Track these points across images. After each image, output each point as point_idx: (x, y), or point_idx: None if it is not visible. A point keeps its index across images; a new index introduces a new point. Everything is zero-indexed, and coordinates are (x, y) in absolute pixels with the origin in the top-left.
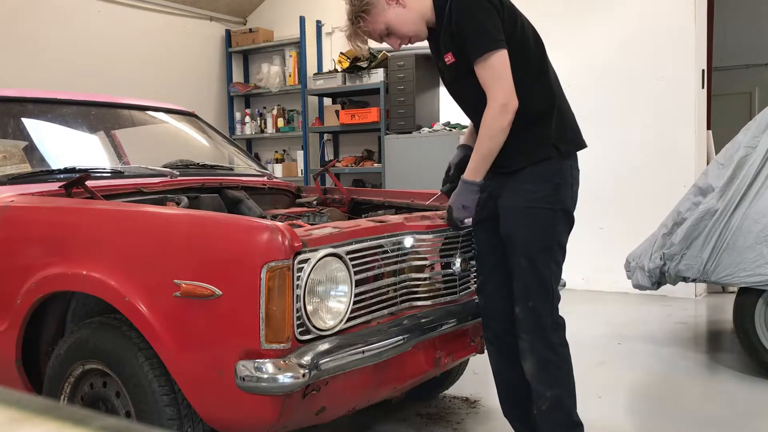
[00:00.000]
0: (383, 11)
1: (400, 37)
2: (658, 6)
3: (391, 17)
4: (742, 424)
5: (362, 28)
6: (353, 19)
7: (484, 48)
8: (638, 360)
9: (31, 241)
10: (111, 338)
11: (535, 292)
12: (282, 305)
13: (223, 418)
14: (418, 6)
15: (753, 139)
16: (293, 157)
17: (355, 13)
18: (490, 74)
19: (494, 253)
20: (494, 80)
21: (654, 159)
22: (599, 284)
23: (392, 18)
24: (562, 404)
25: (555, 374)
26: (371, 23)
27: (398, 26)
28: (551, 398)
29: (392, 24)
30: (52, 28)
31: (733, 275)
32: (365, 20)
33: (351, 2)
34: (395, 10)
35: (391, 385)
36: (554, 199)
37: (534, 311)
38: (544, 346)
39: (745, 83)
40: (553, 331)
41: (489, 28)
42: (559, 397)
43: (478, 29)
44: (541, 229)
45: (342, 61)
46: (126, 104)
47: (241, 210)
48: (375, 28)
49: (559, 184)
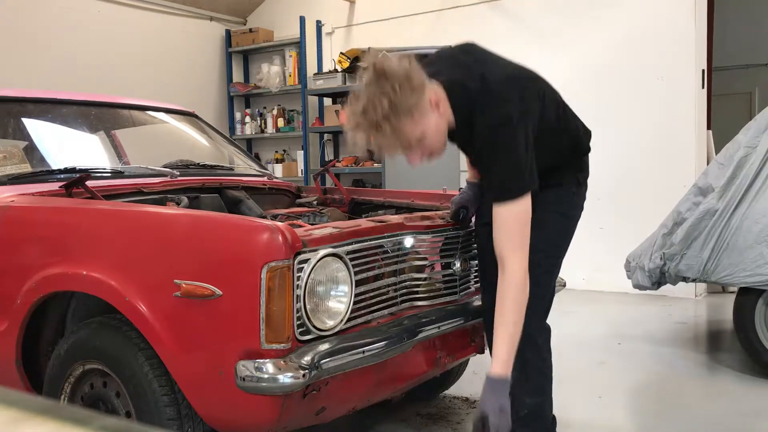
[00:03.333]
0: (426, 115)
1: (427, 150)
2: (658, 6)
3: (431, 125)
4: (742, 424)
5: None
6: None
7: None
8: (638, 360)
9: (32, 241)
10: (111, 338)
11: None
12: (282, 305)
13: (223, 418)
14: (447, 113)
15: (753, 139)
16: (293, 157)
17: (393, 109)
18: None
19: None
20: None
21: (654, 159)
22: (599, 284)
23: (432, 126)
24: (543, 413)
25: (539, 381)
26: (408, 126)
27: (433, 137)
28: (531, 405)
29: (428, 134)
30: (52, 28)
31: (733, 275)
32: (402, 122)
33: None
34: (435, 117)
35: (391, 385)
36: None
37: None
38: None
39: (745, 83)
40: (540, 335)
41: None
42: (539, 405)
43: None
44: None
45: (342, 61)
46: (126, 104)
47: (241, 210)
48: (410, 133)
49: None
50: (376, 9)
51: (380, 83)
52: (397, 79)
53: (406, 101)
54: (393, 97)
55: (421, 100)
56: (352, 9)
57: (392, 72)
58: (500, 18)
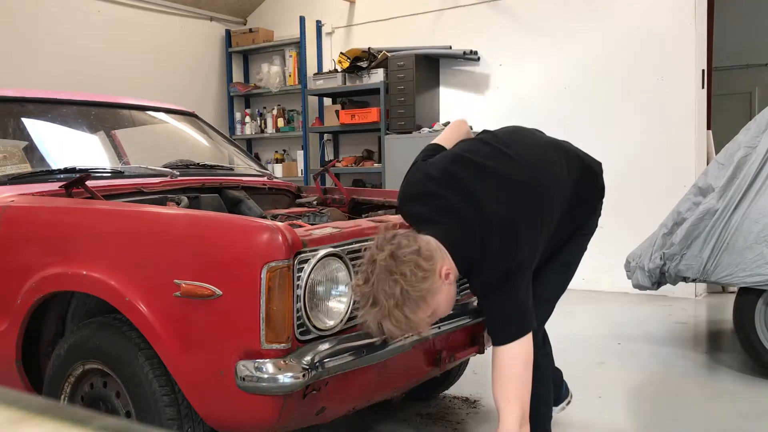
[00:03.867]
0: (438, 293)
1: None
2: (658, 6)
3: (443, 299)
4: (742, 424)
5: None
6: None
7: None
8: (638, 360)
9: (32, 241)
10: (111, 338)
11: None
12: (282, 305)
13: (223, 418)
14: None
15: (753, 139)
16: (293, 157)
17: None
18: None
19: None
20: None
21: (654, 159)
22: (599, 284)
23: (444, 299)
24: (538, 414)
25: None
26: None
27: (445, 307)
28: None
29: (441, 307)
30: (52, 28)
31: (733, 275)
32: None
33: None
34: (446, 289)
35: (391, 385)
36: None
37: None
38: None
39: (745, 83)
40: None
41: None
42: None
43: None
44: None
45: (342, 61)
46: (126, 104)
47: (241, 210)
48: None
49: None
50: (376, 9)
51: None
52: (408, 264)
53: (419, 287)
54: (405, 285)
55: (434, 281)
56: (352, 9)
57: (401, 257)
58: (500, 18)
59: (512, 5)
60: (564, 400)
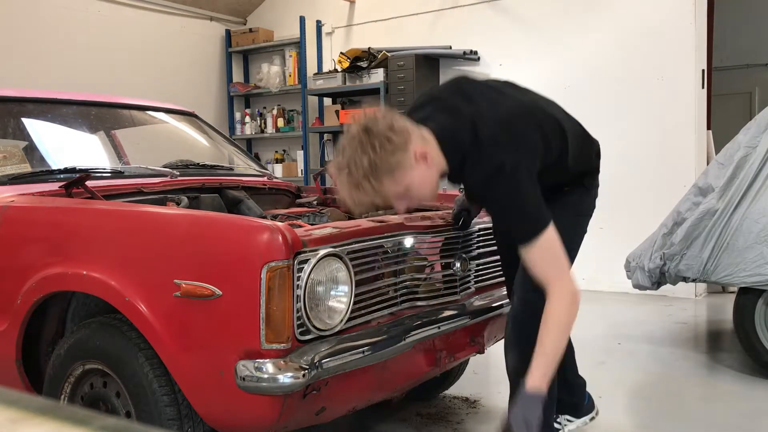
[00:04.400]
0: (409, 170)
1: (413, 200)
2: (658, 6)
3: (415, 178)
4: (742, 424)
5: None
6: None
7: (530, 235)
8: (638, 360)
9: (32, 241)
10: (111, 338)
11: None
12: (282, 305)
13: (223, 418)
14: (438, 162)
15: (753, 139)
16: (293, 157)
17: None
18: (541, 259)
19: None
20: (550, 267)
21: (654, 159)
22: (599, 284)
23: (416, 179)
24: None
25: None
26: (389, 185)
27: (419, 188)
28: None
29: (414, 186)
30: (52, 28)
31: (733, 275)
32: (382, 181)
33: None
34: (421, 170)
35: (391, 385)
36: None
37: (528, 305)
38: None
39: (745, 83)
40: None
41: (530, 209)
42: None
43: (518, 214)
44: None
45: (342, 61)
46: (126, 104)
47: (241, 210)
48: (392, 191)
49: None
50: (376, 9)
51: (362, 142)
52: (378, 137)
53: (387, 160)
54: (373, 156)
55: (404, 157)
56: (352, 9)
57: (374, 131)
58: (500, 18)
59: (512, 5)
60: (588, 414)
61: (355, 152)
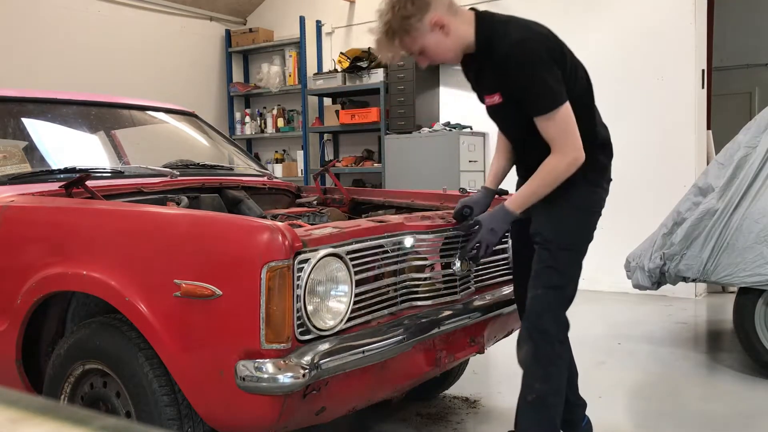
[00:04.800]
0: (423, 35)
1: (431, 60)
2: (658, 6)
3: (430, 43)
4: (742, 424)
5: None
6: (388, 34)
7: (548, 107)
8: (638, 360)
9: (32, 241)
10: (111, 338)
11: (546, 281)
12: (282, 305)
13: (223, 418)
14: (461, 35)
15: (753, 139)
16: (293, 157)
17: (393, 29)
18: (555, 129)
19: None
20: (562, 135)
21: (654, 159)
22: (599, 284)
23: (431, 44)
24: (547, 402)
25: (548, 369)
26: (407, 43)
27: (434, 53)
28: (539, 391)
29: (429, 49)
30: (53, 28)
31: (733, 275)
32: (401, 39)
33: (391, 17)
34: (436, 37)
35: (391, 385)
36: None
37: (540, 300)
38: (542, 337)
39: (745, 83)
40: (554, 325)
41: (551, 84)
42: (546, 394)
43: (539, 87)
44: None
45: (342, 61)
46: (126, 104)
47: (241, 210)
48: (409, 48)
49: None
50: (376, 9)
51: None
52: (399, 2)
53: (401, 23)
54: (390, 17)
55: (418, 23)
56: (352, 9)
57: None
58: None
59: (512, 5)
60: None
61: (382, 13)
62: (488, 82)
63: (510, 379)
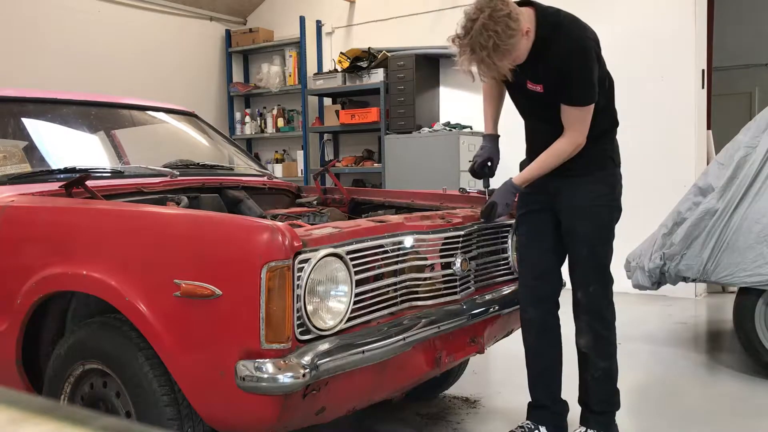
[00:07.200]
0: (519, 46)
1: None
2: (658, 6)
3: (522, 50)
4: (742, 424)
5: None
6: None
7: (587, 100)
8: (638, 360)
9: (32, 241)
10: (111, 338)
11: (595, 278)
12: (282, 305)
13: (223, 418)
14: (531, 34)
15: (753, 139)
16: (293, 157)
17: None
18: (577, 118)
19: (544, 240)
20: (580, 124)
21: (654, 159)
22: None
23: (522, 50)
24: (612, 374)
25: (608, 349)
26: (507, 61)
27: (522, 55)
28: (604, 368)
29: (521, 56)
30: (53, 28)
31: (733, 275)
32: (502, 58)
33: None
34: (523, 42)
35: (391, 385)
36: (611, 198)
37: (594, 295)
38: (601, 325)
39: (745, 83)
40: (608, 310)
41: (594, 81)
42: (609, 368)
43: (587, 81)
44: (601, 223)
45: (342, 61)
46: (126, 104)
47: (241, 210)
48: (507, 65)
49: (614, 186)
50: (376, 9)
51: (486, 27)
52: (500, 24)
53: (507, 42)
54: (496, 39)
55: (518, 39)
56: (352, 9)
57: (496, 17)
58: None
59: None
60: None
61: (480, 35)
62: (536, 72)
63: (510, 379)
